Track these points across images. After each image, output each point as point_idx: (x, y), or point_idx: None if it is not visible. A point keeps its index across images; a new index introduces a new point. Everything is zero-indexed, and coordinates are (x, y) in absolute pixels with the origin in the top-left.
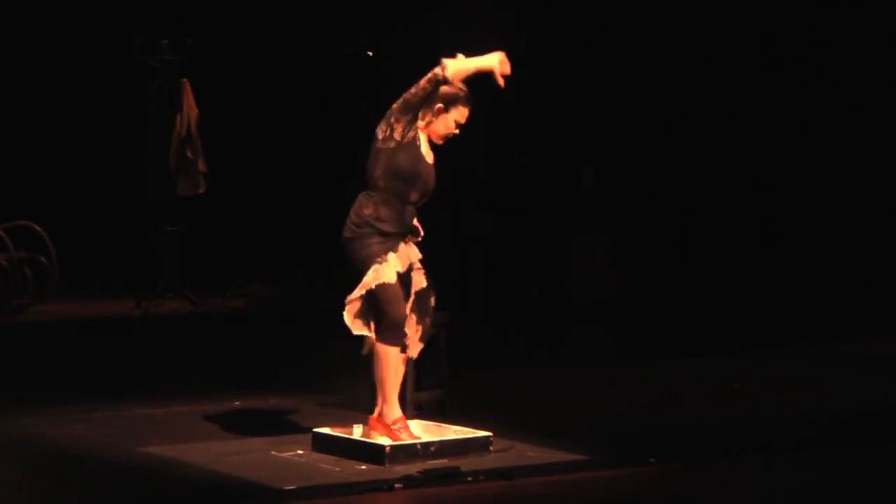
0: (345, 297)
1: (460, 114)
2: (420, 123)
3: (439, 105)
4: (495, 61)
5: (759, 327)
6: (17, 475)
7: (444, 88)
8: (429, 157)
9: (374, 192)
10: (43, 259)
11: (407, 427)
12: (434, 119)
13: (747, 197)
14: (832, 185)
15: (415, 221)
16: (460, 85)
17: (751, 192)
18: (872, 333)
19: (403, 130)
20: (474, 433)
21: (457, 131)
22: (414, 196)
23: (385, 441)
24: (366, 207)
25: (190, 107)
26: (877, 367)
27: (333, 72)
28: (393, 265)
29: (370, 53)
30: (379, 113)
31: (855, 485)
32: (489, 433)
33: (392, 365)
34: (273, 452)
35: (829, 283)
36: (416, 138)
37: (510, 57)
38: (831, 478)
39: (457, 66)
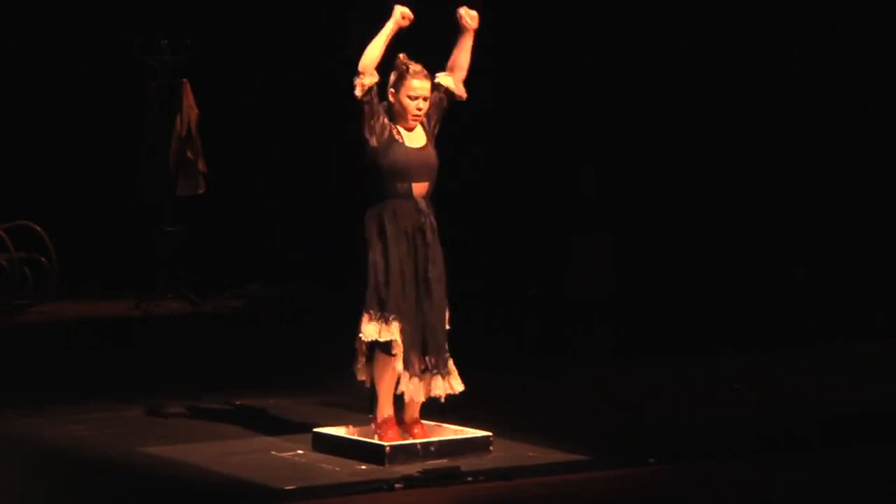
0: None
1: (409, 88)
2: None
3: (392, 90)
4: (396, 17)
5: (759, 327)
6: (17, 475)
7: (392, 76)
8: (414, 140)
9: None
10: (43, 259)
11: (391, 430)
12: (394, 103)
13: (748, 196)
14: (833, 186)
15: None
16: (402, 59)
17: (752, 192)
18: (872, 333)
19: (377, 133)
20: (474, 433)
21: (421, 104)
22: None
23: (385, 441)
24: None
25: (190, 107)
26: (877, 367)
27: (332, 72)
28: None
29: None
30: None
31: (855, 485)
32: (489, 433)
33: (383, 365)
34: (273, 452)
35: (829, 284)
36: (391, 135)
37: (511, 58)
38: (831, 478)
39: (365, 57)
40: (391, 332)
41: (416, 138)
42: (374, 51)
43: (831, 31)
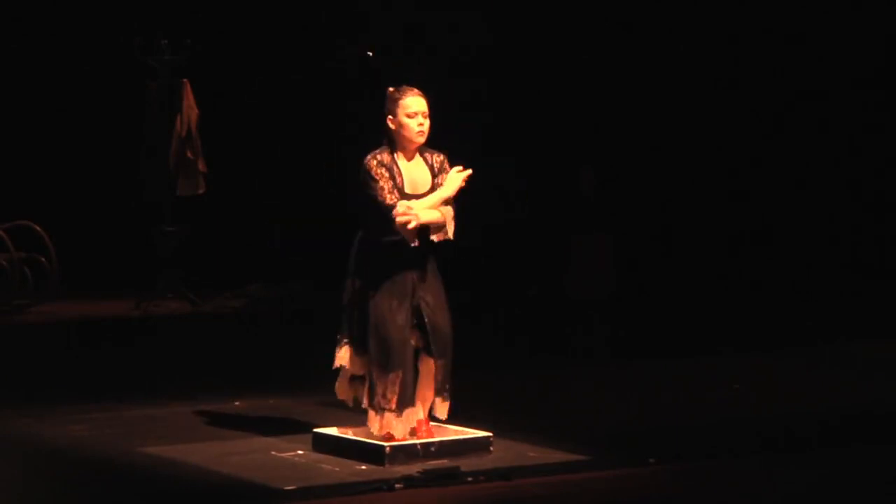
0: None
1: (404, 107)
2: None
3: (390, 117)
4: (458, 182)
5: (759, 327)
6: (17, 475)
7: (386, 107)
8: (416, 186)
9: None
10: (43, 259)
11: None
12: (396, 129)
13: (749, 196)
14: (833, 186)
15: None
16: (392, 90)
17: (753, 192)
18: (872, 334)
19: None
20: (474, 433)
21: (422, 121)
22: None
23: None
24: None
25: (190, 107)
26: (877, 368)
27: (332, 72)
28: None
29: (370, 53)
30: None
31: (855, 485)
32: (489, 433)
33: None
34: (273, 452)
35: (829, 283)
36: (393, 181)
37: (510, 58)
38: (831, 478)
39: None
40: (341, 356)
41: (416, 183)
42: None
43: (831, 31)
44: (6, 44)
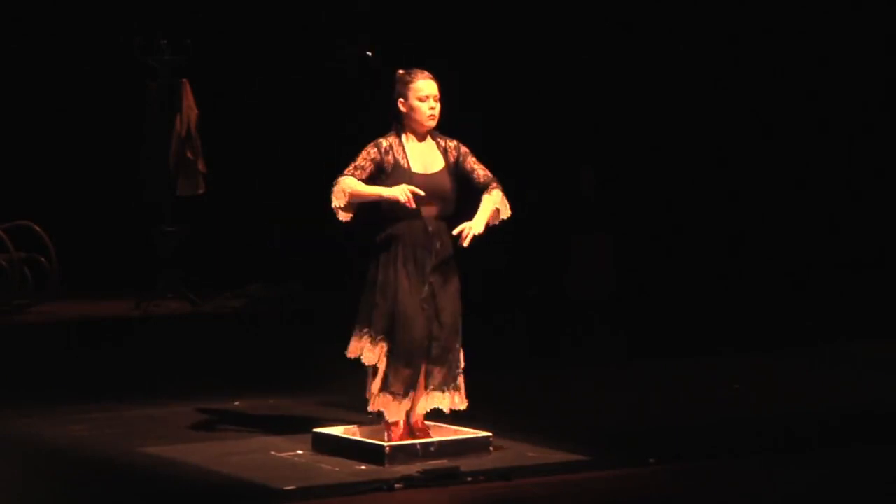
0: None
1: (416, 91)
2: (399, 138)
3: (401, 100)
4: (398, 193)
5: (759, 327)
6: (17, 475)
7: (396, 89)
8: (424, 165)
9: None
10: (43, 259)
11: (400, 431)
12: (407, 112)
13: (748, 196)
14: (833, 186)
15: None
16: (402, 72)
17: (752, 191)
18: (872, 334)
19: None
20: (474, 433)
21: (433, 104)
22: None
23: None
24: None
25: (190, 107)
26: (877, 368)
27: (332, 72)
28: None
29: (369, 53)
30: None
31: (855, 485)
32: (489, 433)
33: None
34: (273, 452)
35: (829, 283)
36: (396, 161)
37: (511, 57)
38: (831, 478)
39: (349, 186)
40: (375, 353)
41: (427, 163)
42: (359, 190)
43: (831, 31)
44: (6, 44)
